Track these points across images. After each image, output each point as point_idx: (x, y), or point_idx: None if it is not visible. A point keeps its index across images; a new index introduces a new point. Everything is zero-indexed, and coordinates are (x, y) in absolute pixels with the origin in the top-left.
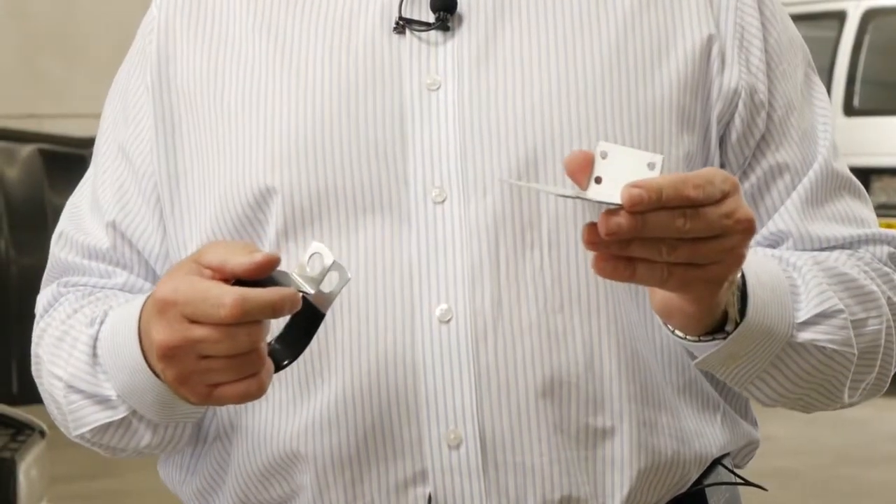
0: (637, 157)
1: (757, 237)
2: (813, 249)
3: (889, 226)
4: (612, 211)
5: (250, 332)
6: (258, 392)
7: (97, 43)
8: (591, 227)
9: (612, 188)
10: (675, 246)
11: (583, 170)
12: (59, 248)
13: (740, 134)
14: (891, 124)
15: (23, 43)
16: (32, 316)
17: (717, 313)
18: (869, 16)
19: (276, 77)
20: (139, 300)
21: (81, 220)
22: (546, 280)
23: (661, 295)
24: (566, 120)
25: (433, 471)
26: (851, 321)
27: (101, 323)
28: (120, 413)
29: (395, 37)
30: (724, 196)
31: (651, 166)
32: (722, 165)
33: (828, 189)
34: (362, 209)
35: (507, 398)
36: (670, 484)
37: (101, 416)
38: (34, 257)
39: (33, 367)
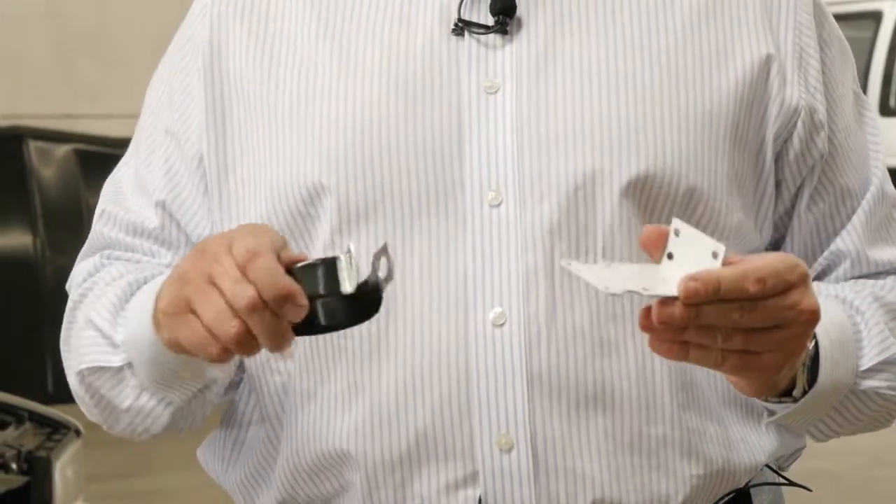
0: (703, 243)
1: (819, 259)
2: (868, 273)
3: None
4: (668, 300)
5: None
6: (224, 348)
7: (133, 43)
8: (647, 312)
9: (678, 270)
10: (731, 335)
11: (657, 245)
12: (102, 225)
13: (798, 153)
14: None
15: (58, 43)
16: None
17: (780, 386)
18: None
19: (332, 75)
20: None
21: (124, 198)
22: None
23: None
24: (624, 127)
25: (484, 474)
26: None
27: (147, 282)
28: (116, 361)
29: (454, 38)
30: (789, 287)
31: (714, 255)
32: (777, 183)
33: (882, 211)
34: (417, 210)
35: (558, 403)
36: (722, 491)
37: (100, 358)
38: (69, 257)
39: (63, 334)
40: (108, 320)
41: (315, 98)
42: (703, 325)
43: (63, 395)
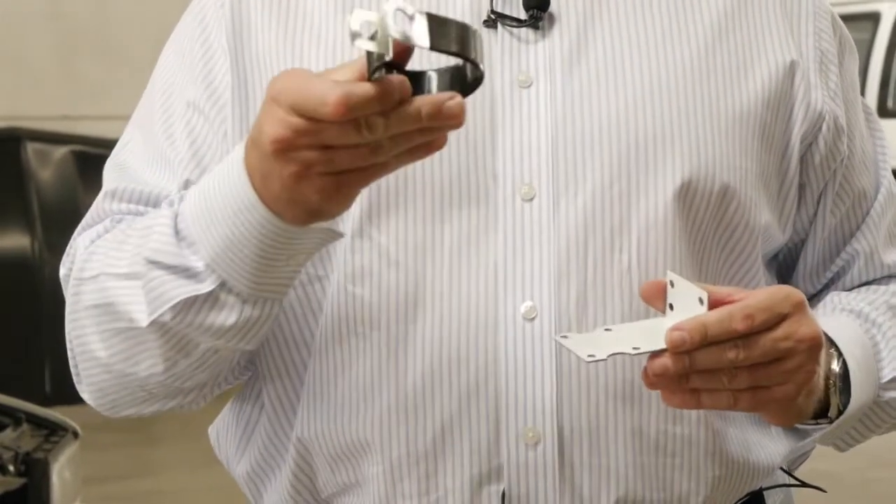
0: (691, 291)
1: (837, 259)
2: (878, 275)
3: None
4: (659, 353)
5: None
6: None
7: (134, 44)
8: (645, 370)
9: (675, 321)
10: (735, 374)
11: (657, 297)
12: (109, 203)
13: (823, 156)
14: None
15: (59, 44)
16: (64, 317)
17: (808, 411)
18: None
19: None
20: (234, 153)
21: (135, 174)
22: (633, 284)
23: None
24: (659, 123)
25: (508, 467)
26: None
27: (180, 202)
28: (207, 286)
29: (486, 31)
30: (782, 318)
31: (701, 301)
32: (801, 186)
33: (891, 213)
34: (448, 200)
35: (587, 399)
36: (740, 493)
37: (187, 290)
38: None
39: (69, 307)
40: (173, 254)
41: None
42: (705, 370)
43: (61, 396)
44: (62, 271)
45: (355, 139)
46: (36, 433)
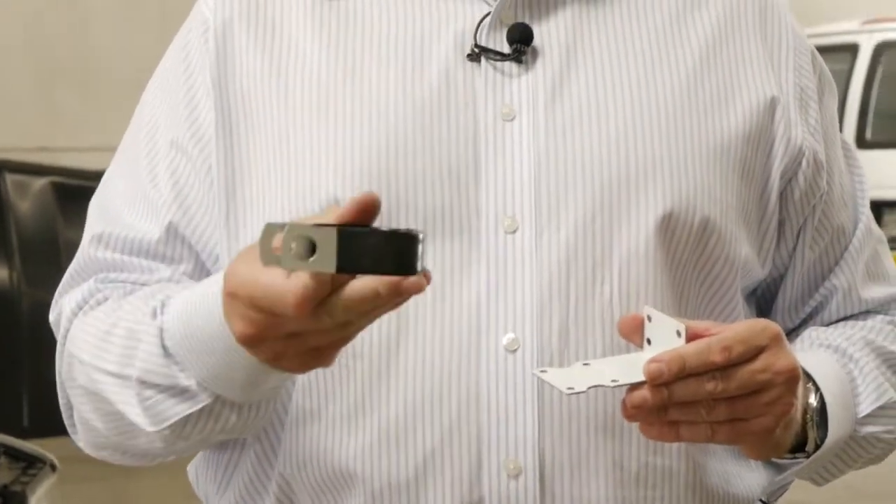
0: (668, 325)
1: (815, 295)
2: (858, 312)
3: None
4: (638, 385)
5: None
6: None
7: (113, 75)
8: (624, 402)
9: (654, 354)
10: (713, 406)
11: (635, 332)
12: (95, 249)
13: (803, 192)
14: None
15: (37, 74)
16: (43, 349)
17: (784, 444)
18: (881, 48)
19: (345, 94)
20: (211, 281)
21: (118, 216)
22: (615, 316)
23: None
24: (641, 156)
25: (490, 499)
26: None
27: (162, 313)
28: (201, 401)
29: (470, 64)
30: (760, 351)
31: (679, 334)
32: (780, 222)
33: (869, 248)
34: (432, 234)
35: (568, 431)
36: None
37: (183, 408)
38: (46, 291)
39: (63, 370)
40: (164, 374)
41: (328, 120)
42: (683, 403)
43: (39, 429)
44: (51, 317)
45: (319, 326)
46: (13, 466)
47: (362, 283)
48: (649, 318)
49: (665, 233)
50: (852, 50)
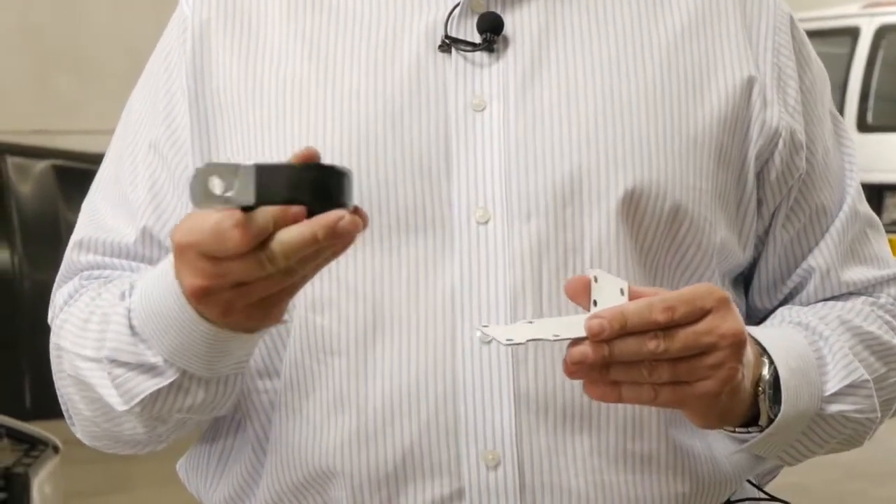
0: (613, 283)
1: (792, 275)
2: (838, 294)
3: None
4: (578, 341)
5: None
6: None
7: (109, 60)
8: (565, 358)
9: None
10: (655, 367)
11: (583, 293)
12: (78, 254)
13: (779, 173)
14: None
15: (35, 59)
16: (45, 330)
17: (736, 415)
18: (882, 32)
19: (318, 90)
20: (168, 258)
21: (102, 219)
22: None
23: None
24: (612, 143)
25: (470, 490)
26: (873, 378)
27: (130, 295)
28: (169, 377)
29: (441, 56)
30: (705, 313)
31: (622, 292)
32: (759, 202)
33: (854, 230)
34: (405, 227)
35: (545, 420)
36: None
37: (151, 384)
38: (47, 273)
39: (54, 363)
40: (131, 352)
41: (300, 113)
42: (625, 362)
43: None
44: (49, 315)
45: (262, 272)
46: (16, 448)
47: (298, 226)
48: (595, 280)
49: (633, 219)
50: (853, 34)
